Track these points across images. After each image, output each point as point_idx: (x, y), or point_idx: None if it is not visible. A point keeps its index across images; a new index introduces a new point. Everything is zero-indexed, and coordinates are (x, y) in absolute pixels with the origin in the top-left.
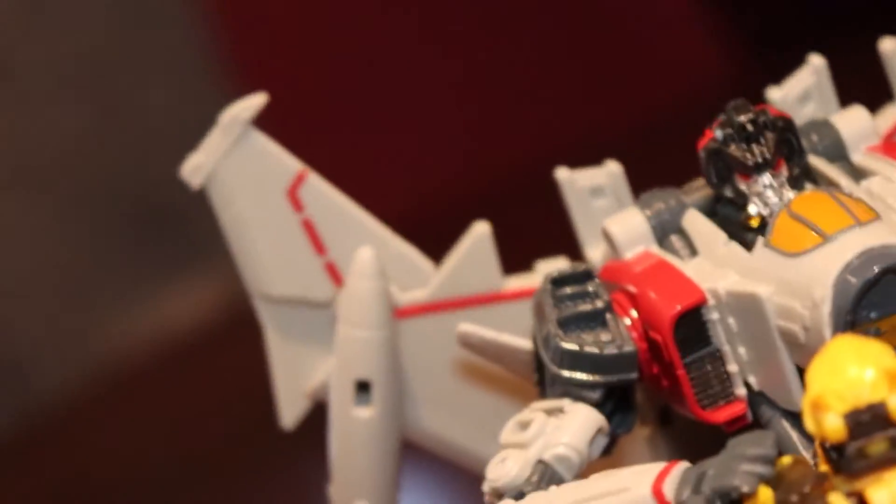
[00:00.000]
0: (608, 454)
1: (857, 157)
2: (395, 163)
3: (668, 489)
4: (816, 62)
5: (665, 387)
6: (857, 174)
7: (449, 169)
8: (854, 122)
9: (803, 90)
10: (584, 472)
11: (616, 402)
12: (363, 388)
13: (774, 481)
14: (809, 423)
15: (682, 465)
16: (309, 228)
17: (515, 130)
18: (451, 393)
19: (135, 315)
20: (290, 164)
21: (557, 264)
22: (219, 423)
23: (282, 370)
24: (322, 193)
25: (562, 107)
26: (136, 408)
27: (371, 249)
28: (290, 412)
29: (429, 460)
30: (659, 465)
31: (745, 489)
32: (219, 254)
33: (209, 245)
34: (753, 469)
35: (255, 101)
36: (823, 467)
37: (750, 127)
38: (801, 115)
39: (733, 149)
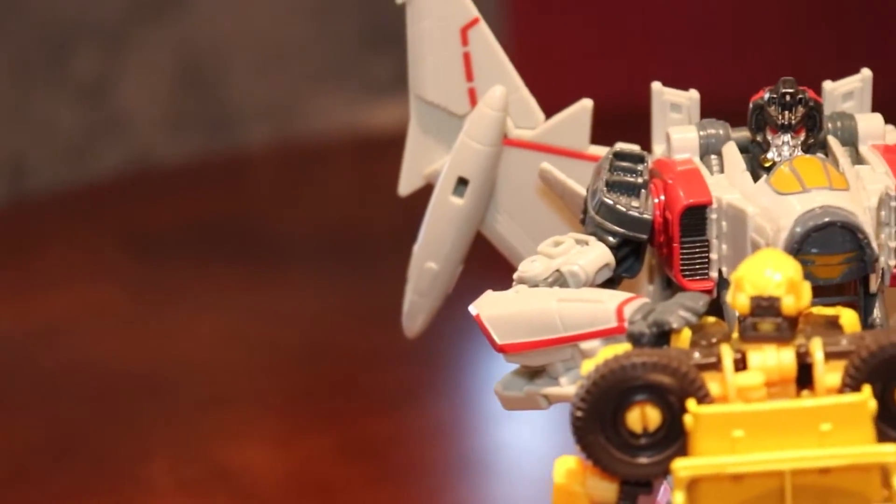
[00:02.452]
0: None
1: (862, 149)
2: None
3: (628, 311)
4: (866, 73)
5: (664, 254)
6: (856, 160)
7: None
8: (870, 123)
9: (849, 90)
10: None
11: (628, 253)
12: (462, 182)
13: (696, 328)
14: (729, 297)
15: (645, 299)
16: (466, 59)
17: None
18: (524, 210)
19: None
20: (471, 9)
21: (629, 146)
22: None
23: (411, 154)
24: (485, 38)
25: None
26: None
27: (503, 89)
28: (407, 185)
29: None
30: (631, 294)
31: (675, 326)
32: None
33: None
34: (685, 314)
35: None
36: (735, 334)
37: (787, 98)
38: (839, 106)
39: (771, 109)
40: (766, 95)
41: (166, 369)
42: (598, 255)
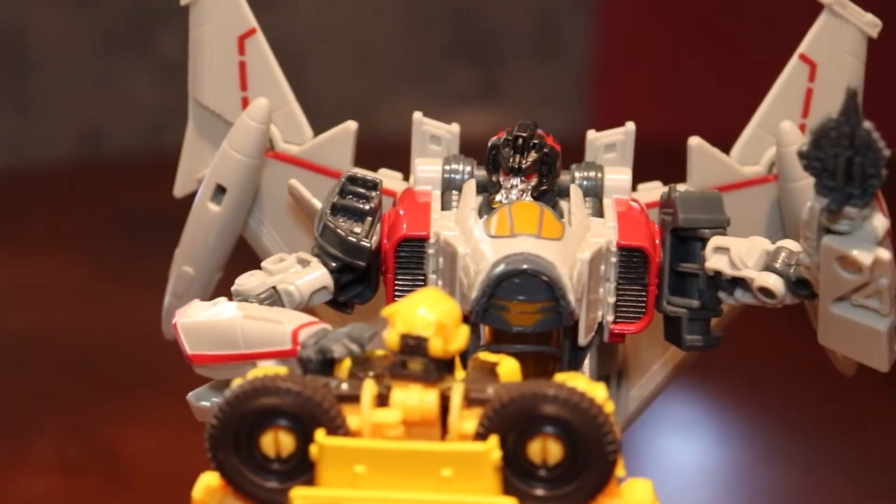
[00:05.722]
0: (346, 313)
1: (606, 201)
2: None
3: (304, 335)
4: (630, 127)
5: (385, 284)
6: (596, 211)
7: None
8: (617, 177)
9: (611, 142)
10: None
11: (355, 279)
12: (221, 190)
13: (362, 359)
14: (384, 332)
15: (325, 326)
16: (242, 69)
17: None
18: (286, 224)
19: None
20: (250, 19)
21: (389, 173)
22: None
23: (187, 156)
24: (261, 49)
25: None
26: None
27: (266, 101)
28: (181, 188)
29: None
30: (314, 318)
31: (336, 355)
32: None
33: None
34: (349, 344)
35: None
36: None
37: (520, 141)
38: (600, 157)
39: (505, 151)
40: (504, 136)
41: (97, 347)
42: (316, 277)
